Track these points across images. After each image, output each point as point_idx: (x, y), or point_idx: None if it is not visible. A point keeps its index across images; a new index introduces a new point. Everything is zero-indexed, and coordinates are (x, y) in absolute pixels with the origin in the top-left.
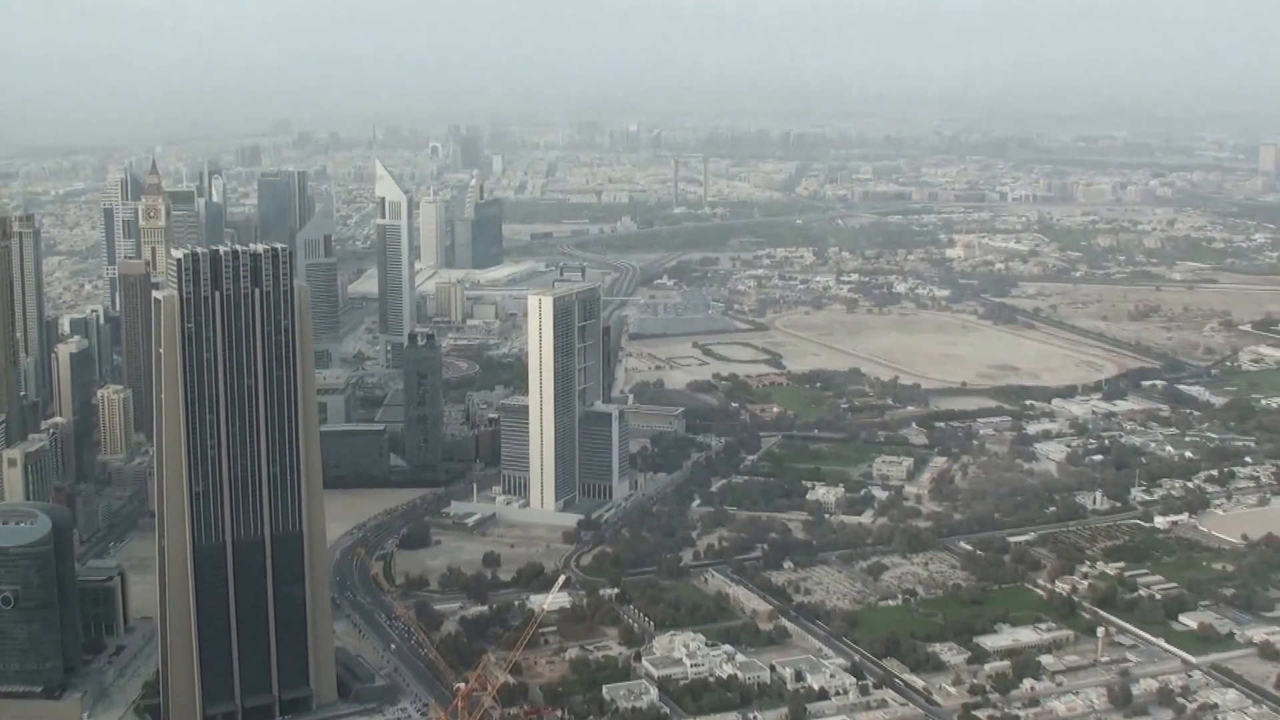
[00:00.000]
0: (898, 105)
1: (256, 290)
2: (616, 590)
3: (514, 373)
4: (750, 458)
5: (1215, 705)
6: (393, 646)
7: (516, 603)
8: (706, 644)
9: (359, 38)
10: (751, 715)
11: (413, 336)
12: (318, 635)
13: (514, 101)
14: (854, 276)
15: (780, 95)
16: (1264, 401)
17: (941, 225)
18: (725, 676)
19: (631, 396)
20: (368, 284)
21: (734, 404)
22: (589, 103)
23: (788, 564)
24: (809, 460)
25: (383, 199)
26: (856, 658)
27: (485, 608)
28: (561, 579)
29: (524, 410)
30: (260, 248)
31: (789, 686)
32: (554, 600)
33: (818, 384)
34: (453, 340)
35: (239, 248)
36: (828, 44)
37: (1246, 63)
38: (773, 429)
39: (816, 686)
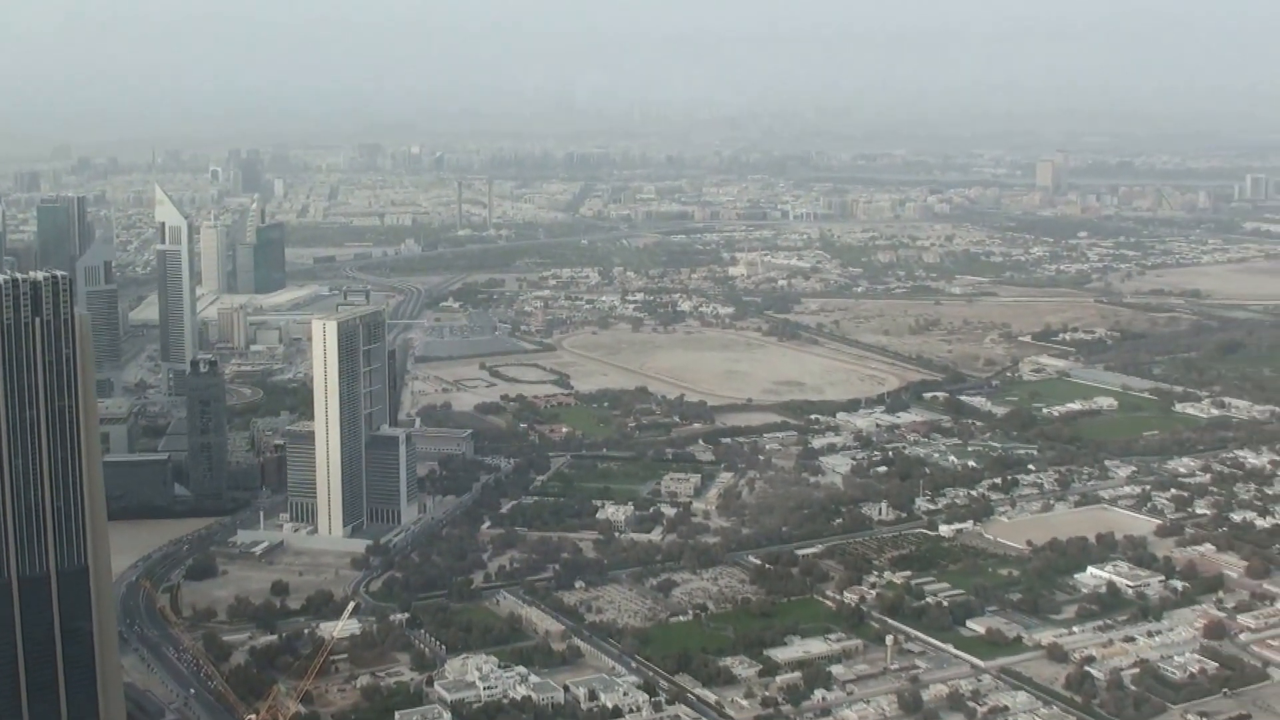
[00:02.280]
0: (679, 125)
1: (36, 319)
2: (407, 615)
3: (299, 398)
4: (540, 478)
5: (1006, 708)
6: (192, 691)
7: (306, 631)
8: (499, 666)
9: (136, 60)
10: None
11: (195, 364)
12: (106, 672)
13: (295, 124)
14: (639, 296)
15: (563, 116)
16: (1044, 410)
17: (724, 243)
18: (519, 698)
19: (419, 419)
20: (149, 311)
21: (522, 425)
22: (370, 125)
23: (579, 583)
24: (598, 479)
25: (163, 224)
26: (649, 675)
27: (275, 637)
28: (351, 605)
29: (310, 436)
30: (40, 275)
31: (583, 706)
32: (344, 627)
33: (605, 403)
34: (236, 366)
35: (18, 275)
36: (609, 64)
37: (1023, 83)
38: (562, 449)
39: (610, 705)
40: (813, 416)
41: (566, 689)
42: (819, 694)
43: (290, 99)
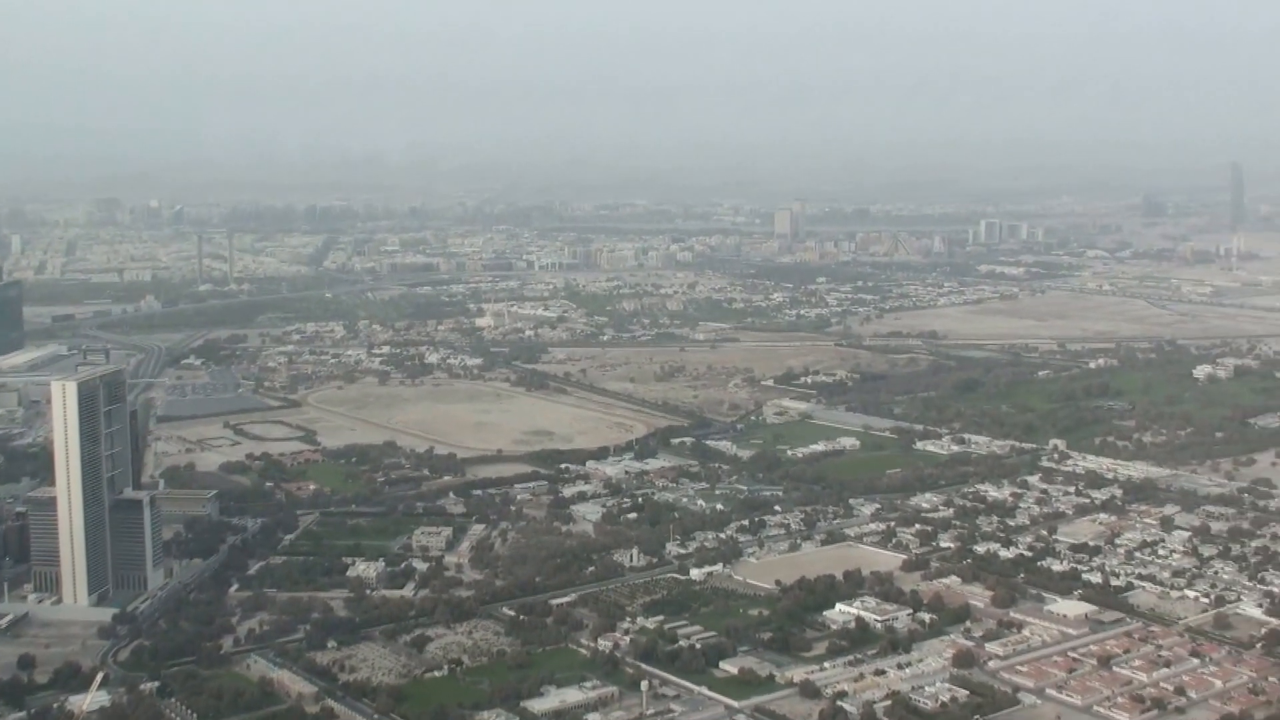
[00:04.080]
0: (422, 177)
1: None
2: (157, 684)
3: (40, 463)
4: (288, 537)
5: None
6: None
7: (55, 705)
8: None
9: None
10: None
11: None
12: None
13: (29, 178)
14: (385, 349)
15: (304, 168)
16: (789, 452)
17: (471, 295)
18: None
19: (162, 481)
20: None
21: (269, 483)
22: (108, 177)
23: (331, 643)
24: (348, 536)
25: None
26: None
27: (23, 713)
28: (99, 677)
29: (52, 502)
30: None
31: None
32: (93, 700)
33: (353, 459)
34: None
35: None
36: (347, 116)
37: (759, 136)
38: (309, 507)
39: None
40: (563, 465)
41: None
42: None
43: (24, 149)
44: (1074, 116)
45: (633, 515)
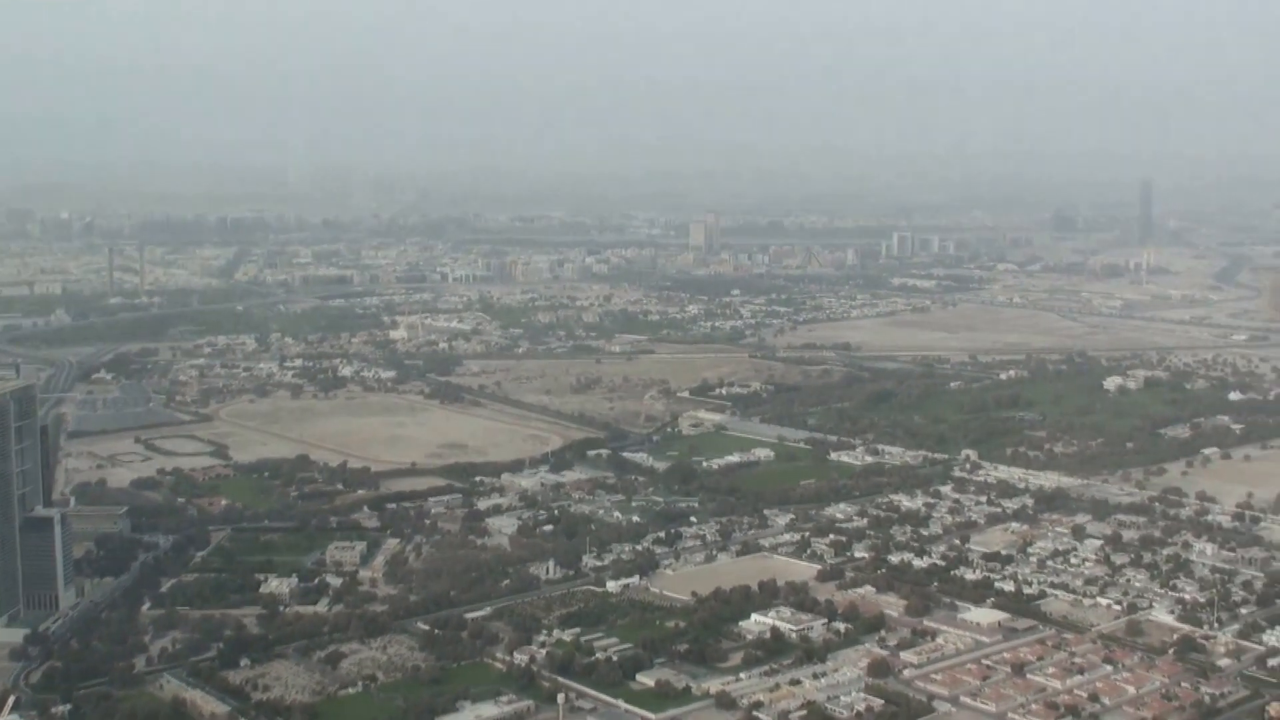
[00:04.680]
0: (335, 188)
1: None
2: (69, 706)
3: None
4: (200, 554)
5: None
6: None
7: None
8: None
9: None
10: None
11: None
12: None
13: None
14: (298, 362)
15: (216, 179)
16: (704, 464)
17: (384, 307)
18: None
19: (73, 498)
20: None
21: (180, 499)
22: (20, 187)
23: (244, 661)
24: (260, 552)
25: None
26: None
27: None
28: (11, 700)
29: None
30: None
31: None
32: None
33: (266, 473)
34: None
35: None
36: (256, 125)
37: (678, 147)
38: (222, 522)
39: None
40: (478, 478)
41: None
42: None
43: None
44: (986, 132)
45: (548, 528)
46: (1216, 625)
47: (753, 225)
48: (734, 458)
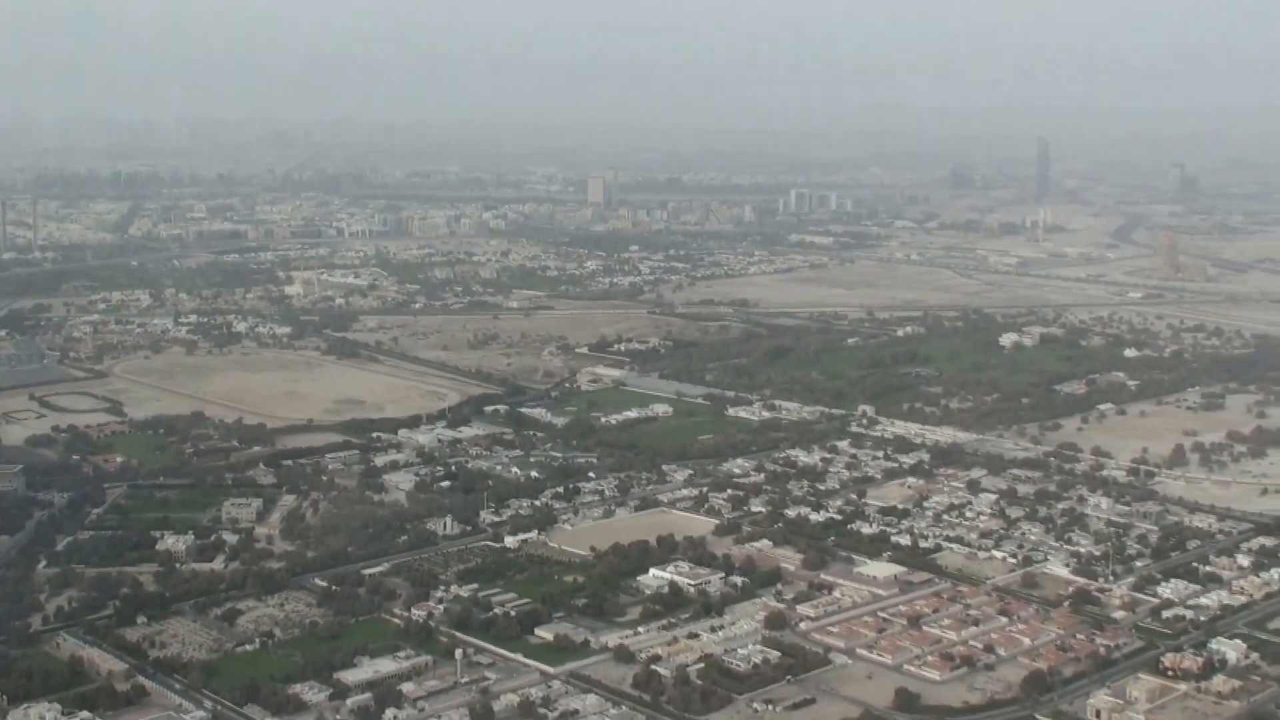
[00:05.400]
0: (229, 142)
1: None
2: None
3: None
4: (96, 511)
5: (576, 711)
6: None
7: None
8: (63, 713)
9: None
10: None
11: None
12: None
13: None
14: (193, 318)
15: (109, 132)
16: (603, 419)
17: (280, 262)
18: None
19: None
20: None
21: (75, 457)
22: None
23: (141, 619)
24: (157, 509)
25: None
26: (218, 708)
27: None
28: None
29: None
30: None
31: None
32: None
33: (161, 430)
34: None
35: None
36: (152, 83)
37: (571, 105)
38: (117, 480)
39: None
40: (375, 434)
41: None
42: (390, 713)
43: None
44: (884, 89)
45: (446, 484)
46: (1111, 578)
47: (651, 181)
48: (632, 413)
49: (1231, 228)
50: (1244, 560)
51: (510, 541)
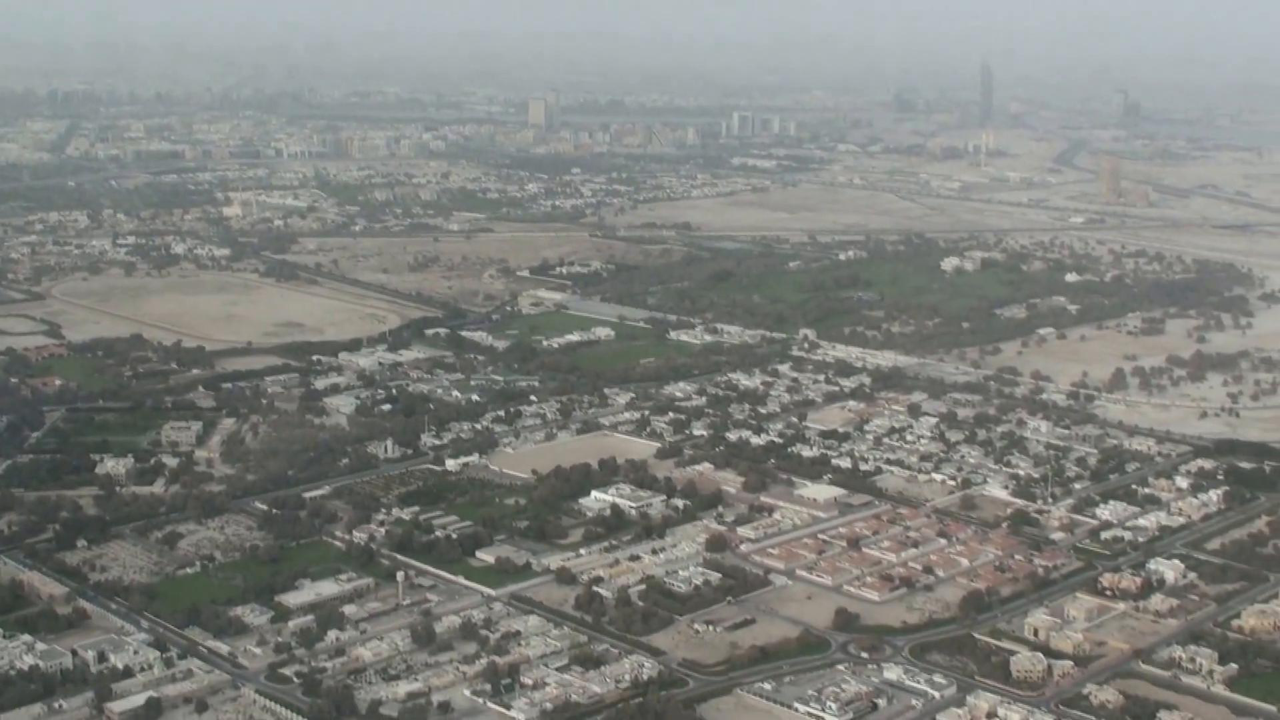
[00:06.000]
0: (167, 61)
1: None
2: None
3: None
4: (34, 435)
5: (518, 632)
6: None
7: None
8: (4, 636)
9: None
10: (56, 704)
11: None
12: None
13: None
14: (131, 239)
15: (42, 50)
16: (544, 342)
17: (218, 183)
18: (26, 668)
19: None
20: None
21: (13, 379)
22: None
23: (81, 542)
24: (96, 432)
25: None
26: (159, 631)
27: None
28: None
29: None
30: None
31: (93, 669)
32: None
33: (100, 353)
34: None
35: None
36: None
37: (508, 28)
38: (56, 403)
39: (120, 665)
40: (314, 357)
41: (74, 653)
42: (332, 635)
43: None
44: (827, 12)
45: (387, 407)
46: (1050, 500)
47: (593, 104)
48: (574, 337)
49: (1174, 153)
50: (1182, 482)
51: (451, 465)
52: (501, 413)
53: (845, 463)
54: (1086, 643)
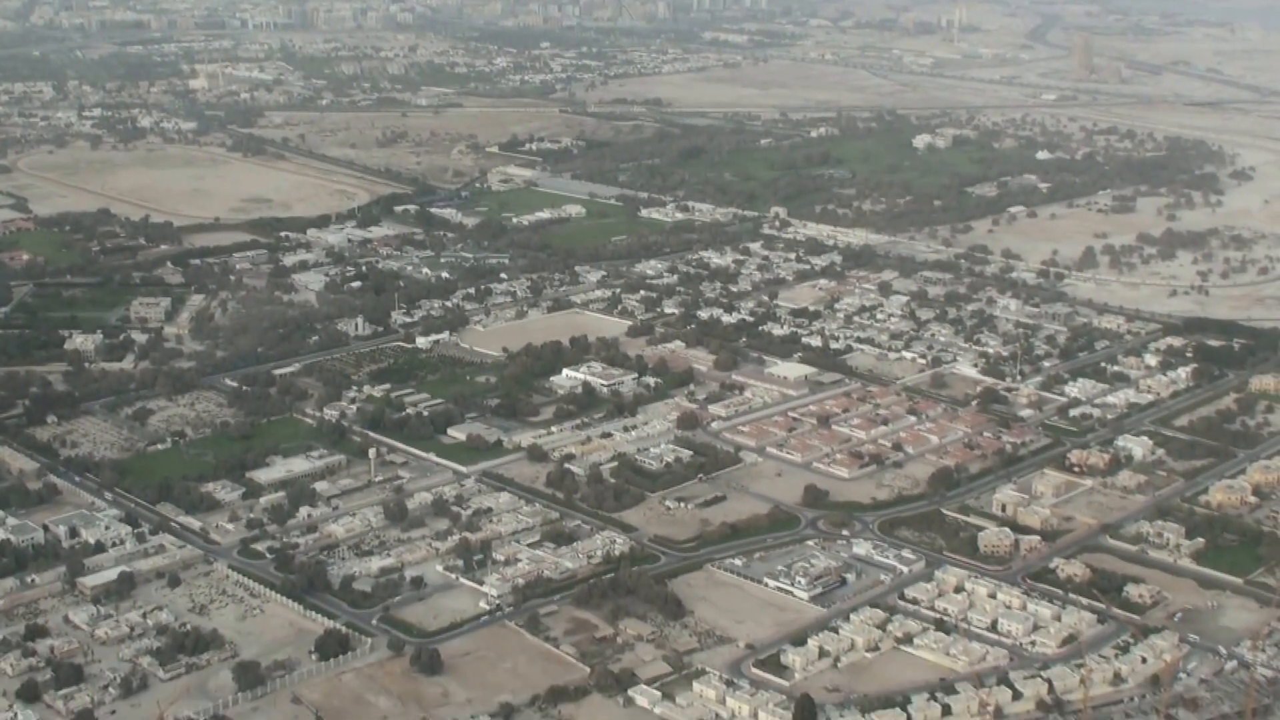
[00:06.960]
0: None
1: None
2: None
3: None
4: (2, 310)
5: (489, 509)
6: None
7: None
8: None
9: None
10: (29, 578)
11: None
12: None
13: None
14: (97, 111)
15: None
16: (514, 220)
17: (183, 54)
18: None
19: None
20: None
21: None
22: None
23: (51, 418)
24: (64, 308)
25: None
26: (130, 506)
27: None
28: None
29: None
30: None
31: (64, 544)
32: None
33: (67, 227)
34: None
35: None
36: None
37: None
38: (23, 278)
39: (92, 540)
40: (283, 234)
41: (46, 528)
42: (304, 511)
43: None
44: None
45: (356, 284)
46: (1019, 378)
47: None
48: (544, 214)
49: (1146, 29)
50: (1151, 360)
51: (422, 342)
52: (472, 290)
53: (816, 341)
54: (1054, 518)
